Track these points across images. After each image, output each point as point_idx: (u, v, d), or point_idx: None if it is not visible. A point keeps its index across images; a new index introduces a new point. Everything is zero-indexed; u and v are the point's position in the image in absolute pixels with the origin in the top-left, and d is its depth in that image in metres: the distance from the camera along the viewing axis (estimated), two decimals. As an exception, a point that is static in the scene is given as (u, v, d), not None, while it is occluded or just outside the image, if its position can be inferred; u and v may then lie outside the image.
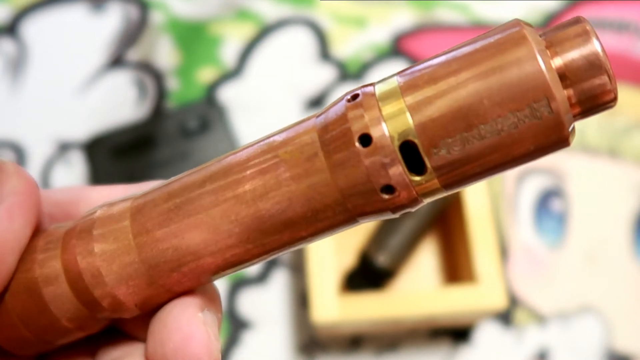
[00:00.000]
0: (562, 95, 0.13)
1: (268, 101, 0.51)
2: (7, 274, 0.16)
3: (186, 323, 0.15)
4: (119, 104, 0.51)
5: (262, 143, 0.15)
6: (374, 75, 0.53)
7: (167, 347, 0.15)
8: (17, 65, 0.53)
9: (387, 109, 0.13)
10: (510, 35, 0.13)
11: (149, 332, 0.16)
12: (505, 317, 0.45)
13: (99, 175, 0.47)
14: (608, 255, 0.47)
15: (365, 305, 0.38)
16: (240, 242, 0.15)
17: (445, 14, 0.55)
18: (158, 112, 0.50)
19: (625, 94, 0.52)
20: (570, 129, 0.13)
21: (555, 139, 0.13)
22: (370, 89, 0.14)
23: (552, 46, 0.13)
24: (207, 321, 0.16)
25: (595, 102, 0.13)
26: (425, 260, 0.46)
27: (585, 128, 0.51)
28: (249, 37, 0.54)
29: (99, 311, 0.16)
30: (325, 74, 0.53)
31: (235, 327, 0.44)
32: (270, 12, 0.55)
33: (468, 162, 0.13)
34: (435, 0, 0.56)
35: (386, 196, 0.14)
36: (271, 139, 0.15)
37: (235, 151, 0.16)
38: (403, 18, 0.55)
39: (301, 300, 0.45)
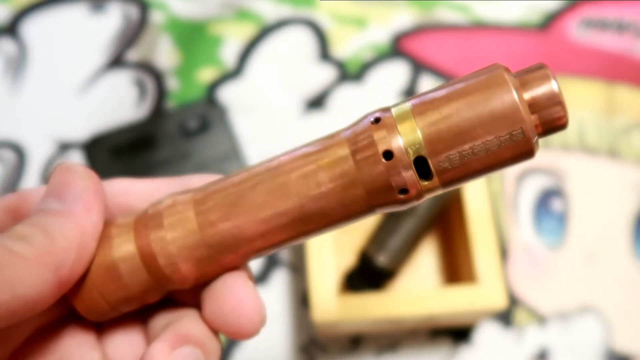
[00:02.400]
0: (530, 120, 0.18)
1: (268, 101, 0.51)
2: (89, 257, 0.19)
3: (240, 290, 0.20)
4: (119, 104, 0.51)
5: (302, 153, 0.20)
6: (374, 76, 0.53)
7: (225, 309, 0.19)
8: (17, 65, 0.53)
9: (403, 128, 0.18)
10: (494, 77, 0.18)
11: (206, 298, 0.20)
12: (505, 317, 0.45)
13: (99, 175, 0.47)
14: (608, 255, 0.47)
15: (365, 305, 0.38)
16: (285, 230, 0.19)
17: (445, 14, 0.55)
18: (158, 112, 0.50)
19: (625, 94, 0.52)
20: (535, 145, 0.18)
21: (525, 153, 0.18)
22: (389, 114, 0.19)
23: (523, 85, 0.18)
24: (255, 288, 0.20)
25: (552, 125, 0.18)
26: (425, 260, 0.46)
27: (585, 128, 0.51)
28: (249, 37, 0.54)
29: (167, 285, 0.20)
30: (325, 74, 0.53)
31: (235, 327, 0.44)
32: (270, 12, 0.55)
33: (462, 170, 0.18)
34: (435, 0, 0.55)
35: (402, 196, 0.18)
36: (310, 149, 0.19)
37: (280, 158, 0.20)
38: (403, 18, 0.55)
39: (301, 300, 0.45)
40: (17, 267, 0.17)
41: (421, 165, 0.18)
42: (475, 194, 0.41)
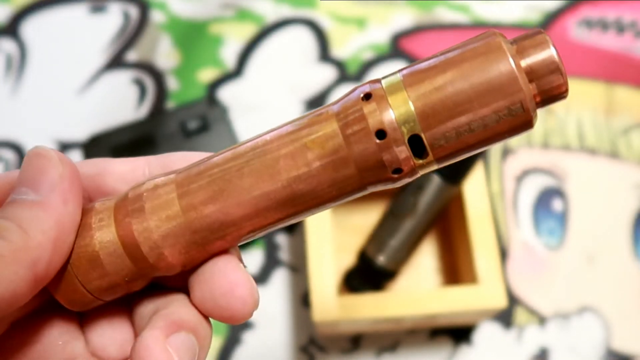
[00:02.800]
0: (529, 91, 0.16)
1: (268, 101, 0.51)
2: (67, 250, 0.19)
3: (232, 272, 0.19)
4: (119, 104, 0.51)
5: (289, 130, 0.18)
6: (373, 75, 0.53)
7: (217, 292, 0.19)
8: (17, 65, 0.53)
9: (394, 101, 0.17)
10: (490, 45, 0.17)
11: (195, 283, 0.19)
12: (505, 317, 0.45)
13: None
14: (608, 255, 0.47)
15: (365, 305, 0.38)
16: (274, 212, 0.18)
17: (445, 14, 0.55)
18: (158, 112, 0.50)
19: (625, 94, 0.52)
20: (534, 117, 0.17)
21: (523, 126, 0.17)
22: (378, 85, 0.17)
23: (520, 52, 0.17)
24: (246, 271, 0.19)
25: (552, 94, 0.17)
26: (425, 260, 0.46)
27: (585, 128, 0.51)
28: (249, 37, 0.54)
29: (152, 272, 0.19)
30: (325, 74, 0.53)
31: (236, 326, 0.44)
32: (270, 12, 0.55)
33: (457, 145, 0.17)
34: (435, 0, 0.56)
35: (395, 175, 0.17)
36: (297, 126, 0.18)
37: (265, 136, 0.19)
38: (403, 18, 0.55)
39: (301, 300, 0.45)
40: None
41: (414, 140, 0.17)
42: (475, 194, 0.41)
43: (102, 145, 0.48)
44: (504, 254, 0.47)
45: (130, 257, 0.19)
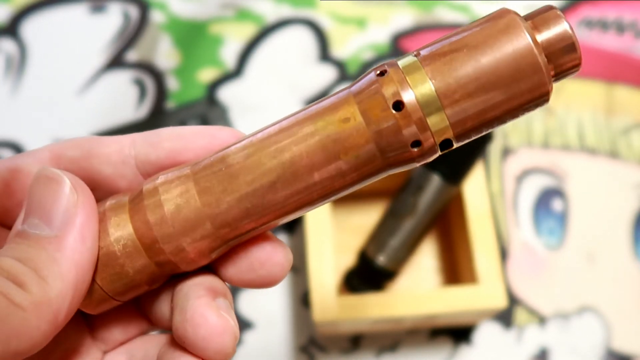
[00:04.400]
0: (546, 64, 0.17)
1: (268, 101, 0.51)
2: (87, 287, 0.18)
3: (263, 242, 0.19)
4: (119, 104, 0.51)
5: (304, 115, 0.18)
6: (374, 75, 0.53)
7: (256, 264, 0.19)
8: (17, 65, 0.53)
9: (413, 79, 0.17)
10: (504, 21, 0.17)
11: (223, 261, 0.19)
12: (505, 317, 0.45)
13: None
14: (608, 255, 0.47)
15: (365, 305, 0.38)
16: (296, 200, 0.18)
17: (445, 14, 0.55)
18: (158, 112, 0.50)
19: (625, 94, 0.52)
20: (550, 91, 0.17)
21: (542, 99, 0.17)
22: (394, 63, 0.18)
23: (535, 27, 0.17)
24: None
25: (566, 67, 0.17)
26: (425, 260, 0.46)
27: (585, 128, 0.51)
28: (249, 37, 0.54)
29: (173, 269, 0.19)
30: (325, 74, 0.53)
31: (235, 327, 0.44)
32: (270, 12, 0.55)
33: (476, 121, 0.17)
34: (435, 0, 0.56)
35: (415, 149, 0.17)
36: (313, 110, 0.18)
37: (283, 123, 0.18)
38: (403, 18, 0.55)
39: (301, 300, 0.45)
40: (14, 320, 0.15)
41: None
42: (475, 194, 0.41)
43: (102, 145, 0.48)
44: (504, 254, 0.47)
45: (149, 254, 0.18)
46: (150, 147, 0.19)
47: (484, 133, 0.18)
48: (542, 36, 0.17)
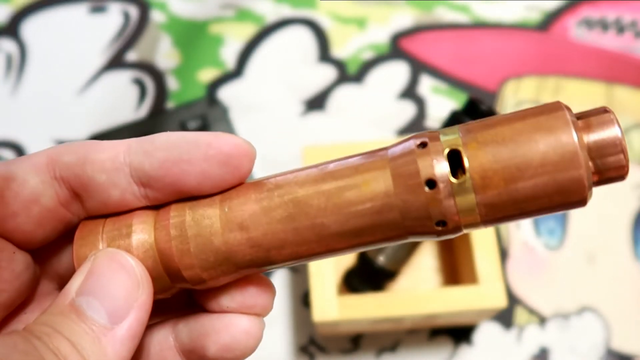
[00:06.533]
0: (588, 167, 0.16)
1: (268, 101, 0.51)
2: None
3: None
4: (119, 104, 0.51)
5: (338, 169, 0.18)
6: (373, 76, 0.53)
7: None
8: (17, 65, 0.53)
9: (450, 157, 0.17)
10: (553, 115, 0.16)
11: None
12: (505, 317, 0.45)
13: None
14: (608, 255, 0.47)
15: (365, 305, 0.38)
16: (308, 247, 0.18)
17: (445, 14, 0.55)
18: (158, 112, 0.50)
19: (625, 94, 0.52)
20: (589, 195, 0.16)
21: (577, 203, 0.17)
22: (436, 139, 0.17)
23: (585, 127, 0.17)
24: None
25: (612, 174, 0.17)
26: (425, 260, 0.46)
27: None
28: (249, 37, 0.54)
29: (181, 284, 0.19)
30: (325, 74, 0.53)
31: (235, 327, 0.44)
32: (270, 12, 0.55)
33: (507, 211, 0.17)
34: (435, 0, 0.56)
35: (439, 227, 0.17)
36: (345, 166, 0.18)
37: (311, 170, 0.18)
38: (403, 18, 0.55)
39: (301, 300, 0.45)
40: None
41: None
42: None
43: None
44: (504, 254, 0.47)
45: (164, 265, 0.19)
46: (144, 156, 0.19)
47: (510, 222, 0.17)
48: (591, 137, 0.16)
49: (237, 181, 0.18)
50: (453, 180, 0.17)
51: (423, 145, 0.17)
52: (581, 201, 0.16)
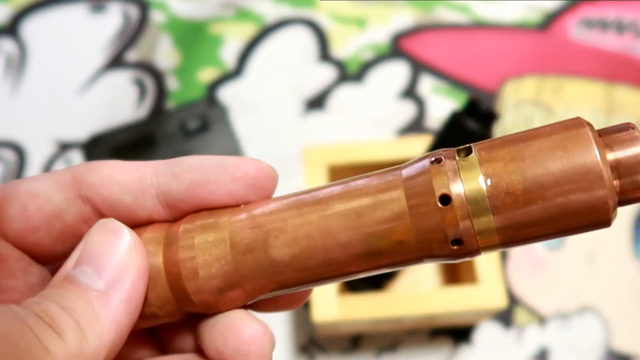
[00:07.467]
0: (612, 186, 0.15)
1: (268, 101, 0.51)
2: (122, 345, 0.18)
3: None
4: (119, 104, 0.51)
5: (350, 188, 0.17)
6: (373, 76, 0.53)
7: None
8: (17, 65, 0.53)
9: (465, 174, 0.16)
10: (575, 132, 0.16)
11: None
12: (505, 317, 0.45)
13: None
14: (608, 255, 0.47)
15: (365, 305, 0.38)
16: (320, 271, 0.18)
17: (445, 14, 0.55)
18: (158, 112, 0.50)
19: (625, 94, 0.52)
20: (613, 216, 0.16)
21: (600, 224, 0.16)
22: (451, 157, 0.17)
23: (608, 145, 0.16)
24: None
25: (634, 195, 0.16)
26: (425, 260, 0.46)
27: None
28: (249, 37, 0.54)
29: (190, 308, 0.19)
30: (325, 74, 0.53)
31: (235, 327, 0.44)
32: (270, 12, 0.55)
33: (526, 232, 0.16)
34: (435, 0, 0.56)
35: (454, 247, 0.16)
36: (359, 188, 0.17)
37: (324, 190, 0.18)
38: (403, 18, 0.55)
39: (301, 300, 0.45)
40: None
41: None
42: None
43: (102, 145, 0.48)
44: (504, 254, 0.47)
45: (172, 287, 0.18)
46: (172, 178, 0.19)
47: (530, 244, 0.17)
48: (615, 155, 0.16)
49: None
50: (468, 196, 0.16)
51: (438, 161, 0.17)
52: (605, 222, 0.16)
